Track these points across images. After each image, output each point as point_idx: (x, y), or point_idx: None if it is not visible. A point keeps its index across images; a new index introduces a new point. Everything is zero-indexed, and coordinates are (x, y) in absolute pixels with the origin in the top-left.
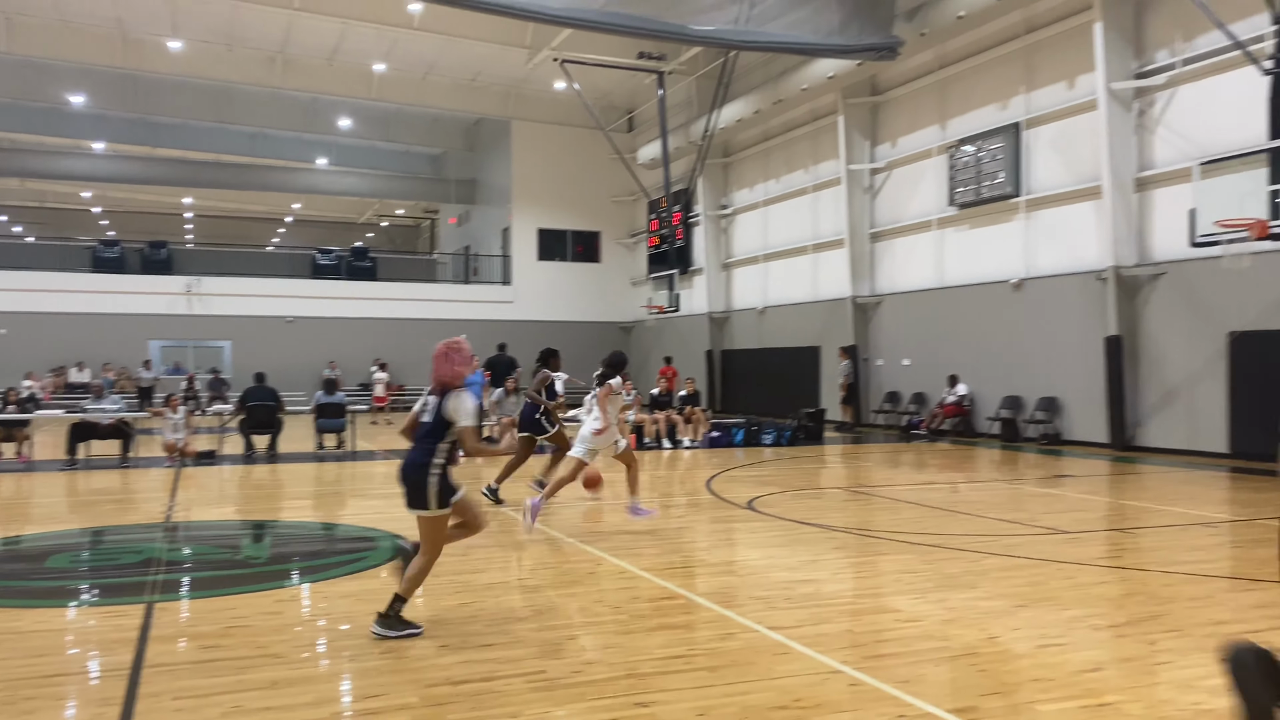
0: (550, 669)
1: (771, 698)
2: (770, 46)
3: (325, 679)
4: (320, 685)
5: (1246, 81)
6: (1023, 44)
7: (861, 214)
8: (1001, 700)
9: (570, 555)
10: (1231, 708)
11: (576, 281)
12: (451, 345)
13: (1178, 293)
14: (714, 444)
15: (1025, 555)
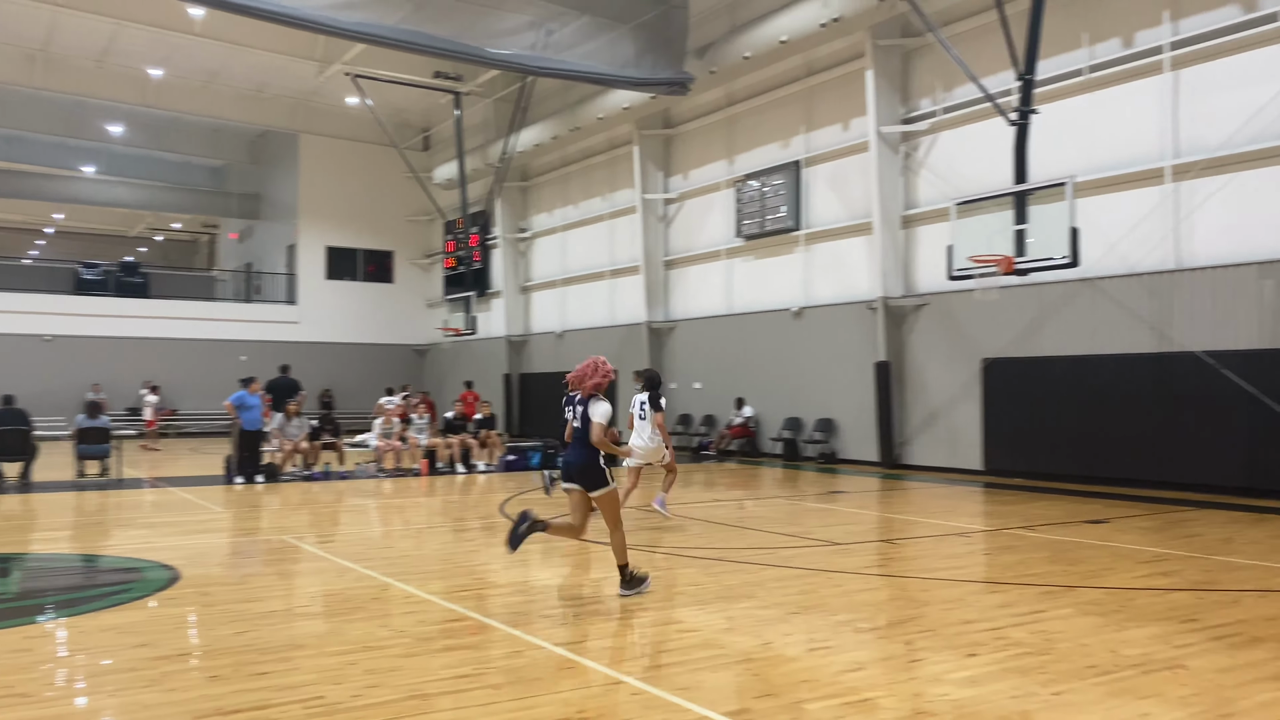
0: (330, 694)
1: (554, 711)
2: (566, 74)
3: (84, 716)
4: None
5: (997, 130)
6: (803, 86)
7: (656, 242)
8: (772, 701)
9: (354, 581)
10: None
11: (368, 302)
12: (598, 361)
13: (938, 322)
14: (510, 468)
15: (800, 566)
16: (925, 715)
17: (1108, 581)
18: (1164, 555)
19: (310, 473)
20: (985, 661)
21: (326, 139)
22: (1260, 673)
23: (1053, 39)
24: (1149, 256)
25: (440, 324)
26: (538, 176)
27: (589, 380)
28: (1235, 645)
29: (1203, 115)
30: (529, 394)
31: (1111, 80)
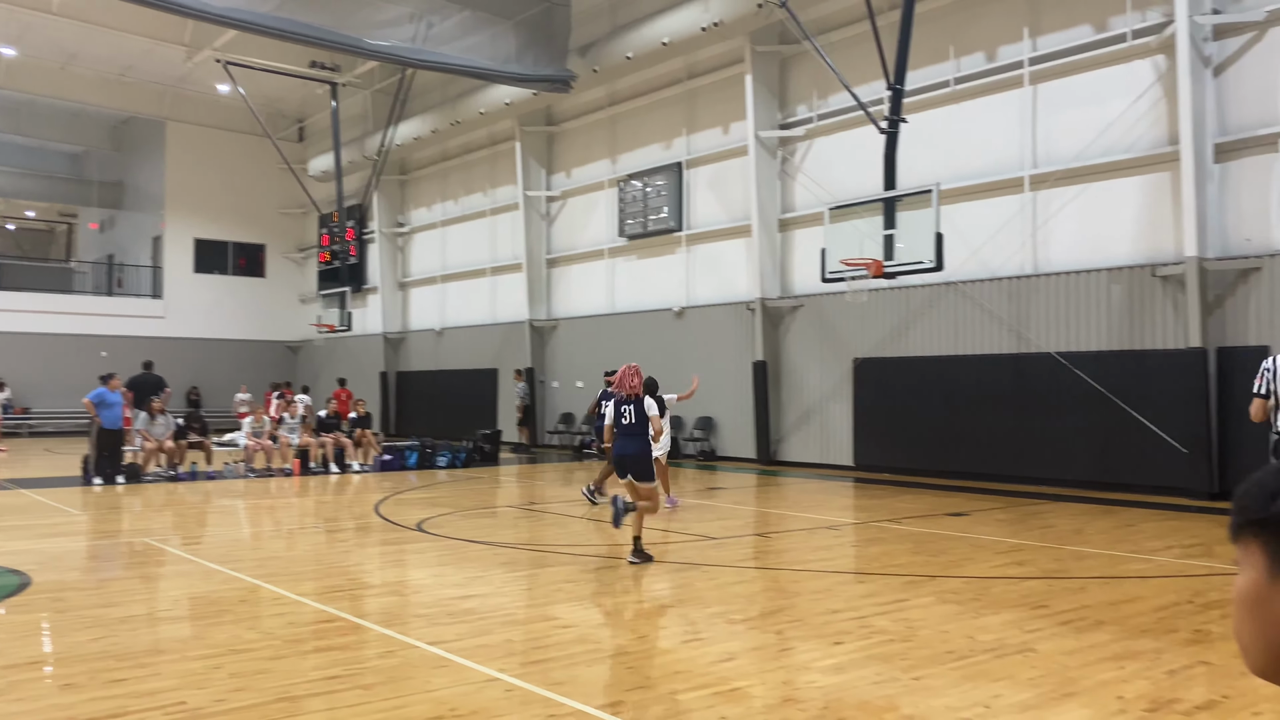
0: (192, 700)
1: (427, 709)
2: (446, 68)
3: None
4: None
5: (869, 138)
6: (685, 89)
7: (538, 240)
8: (645, 693)
9: (221, 584)
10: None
11: (239, 297)
12: (635, 368)
13: (813, 323)
14: (386, 467)
15: (677, 560)
16: (793, 703)
17: (967, 571)
18: (1019, 546)
19: (175, 473)
20: (850, 649)
21: (195, 127)
22: (1102, 654)
23: (922, 51)
24: (1009, 262)
25: (314, 320)
26: (417, 170)
27: (629, 382)
28: (1081, 629)
29: (1058, 128)
30: (406, 392)
31: (976, 92)
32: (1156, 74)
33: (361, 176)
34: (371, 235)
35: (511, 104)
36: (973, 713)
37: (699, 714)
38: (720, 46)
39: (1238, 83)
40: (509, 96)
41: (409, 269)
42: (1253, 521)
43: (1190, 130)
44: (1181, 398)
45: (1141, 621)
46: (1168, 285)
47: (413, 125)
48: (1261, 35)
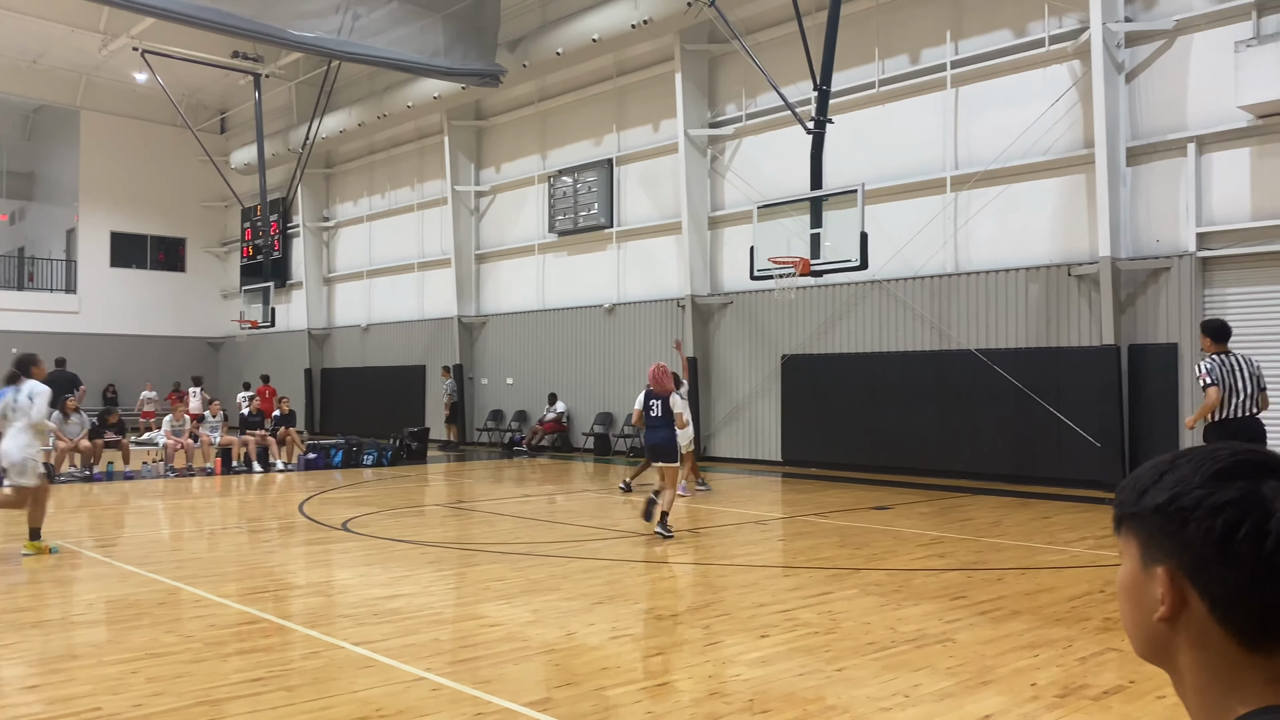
0: (108, 705)
1: (352, 710)
2: (373, 60)
3: None
4: None
5: (796, 137)
6: (615, 85)
7: (467, 235)
8: (573, 690)
9: (138, 586)
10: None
11: (158, 292)
12: (664, 368)
13: (742, 320)
14: (310, 466)
15: (607, 557)
16: (719, 696)
17: (889, 564)
18: (940, 538)
19: (91, 473)
20: (776, 642)
21: (112, 117)
22: (1018, 642)
23: (848, 53)
24: (931, 261)
25: (237, 316)
26: (343, 164)
27: (664, 381)
28: (997, 619)
29: (979, 131)
30: (332, 390)
31: (900, 94)
32: (1073, 79)
33: (286, 170)
34: (296, 230)
35: (440, 98)
36: (893, 702)
37: (626, 709)
38: (650, 44)
39: (1149, 89)
40: (437, 90)
41: (334, 264)
42: (1127, 515)
43: (1104, 134)
44: (1095, 393)
45: (1055, 611)
46: (1082, 284)
47: (338, 118)
48: (1171, 43)
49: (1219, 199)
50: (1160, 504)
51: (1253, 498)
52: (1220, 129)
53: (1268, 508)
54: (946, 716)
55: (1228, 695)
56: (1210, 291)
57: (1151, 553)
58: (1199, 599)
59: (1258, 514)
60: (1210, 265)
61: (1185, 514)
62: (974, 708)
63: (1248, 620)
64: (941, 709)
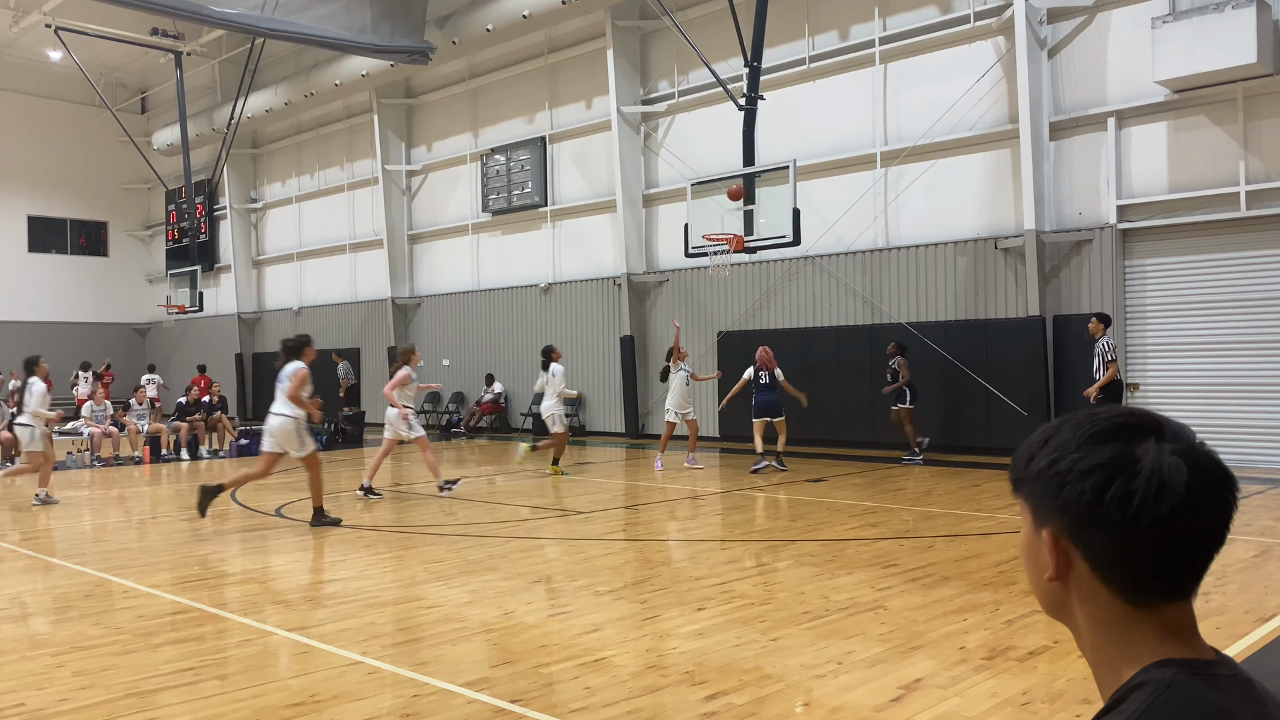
0: (32, 701)
1: (286, 697)
2: (297, 38)
3: None
4: None
5: (729, 114)
6: (547, 62)
7: (399, 215)
8: (510, 668)
9: (63, 579)
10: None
11: (79, 277)
12: (769, 350)
13: (678, 298)
14: (242, 452)
15: (545, 536)
16: (656, 669)
17: (823, 535)
18: (873, 508)
19: (11, 464)
20: (712, 614)
21: (24, 96)
22: (947, 607)
23: (778, 29)
24: (862, 236)
25: (163, 300)
26: (270, 144)
27: (768, 358)
28: (928, 585)
29: (907, 107)
30: (263, 374)
31: (830, 71)
32: (997, 55)
33: (211, 150)
34: (223, 211)
35: (368, 75)
36: (826, 669)
37: (564, 685)
38: (581, 20)
39: (1070, 64)
40: (365, 68)
41: (264, 246)
42: (1018, 480)
43: (1028, 109)
44: (1022, 363)
45: (983, 576)
46: (1009, 257)
47: (264, 97)
48: (1091, 19)
49: (1138, 172)
50: (1042, 469)
51: (1123, 459)
52: (1139, 104)
53: (1135, 468)
54: (878, 681)
55: (1118, 656)
56: (1130, 262)
57: (1039, 516)
58: (1081, 560)
59: (1125, 475)
60: (1130, 237)
61: (1062, 478)
62: (905, 671)
63: (1125, 579)
64: (874, 674)
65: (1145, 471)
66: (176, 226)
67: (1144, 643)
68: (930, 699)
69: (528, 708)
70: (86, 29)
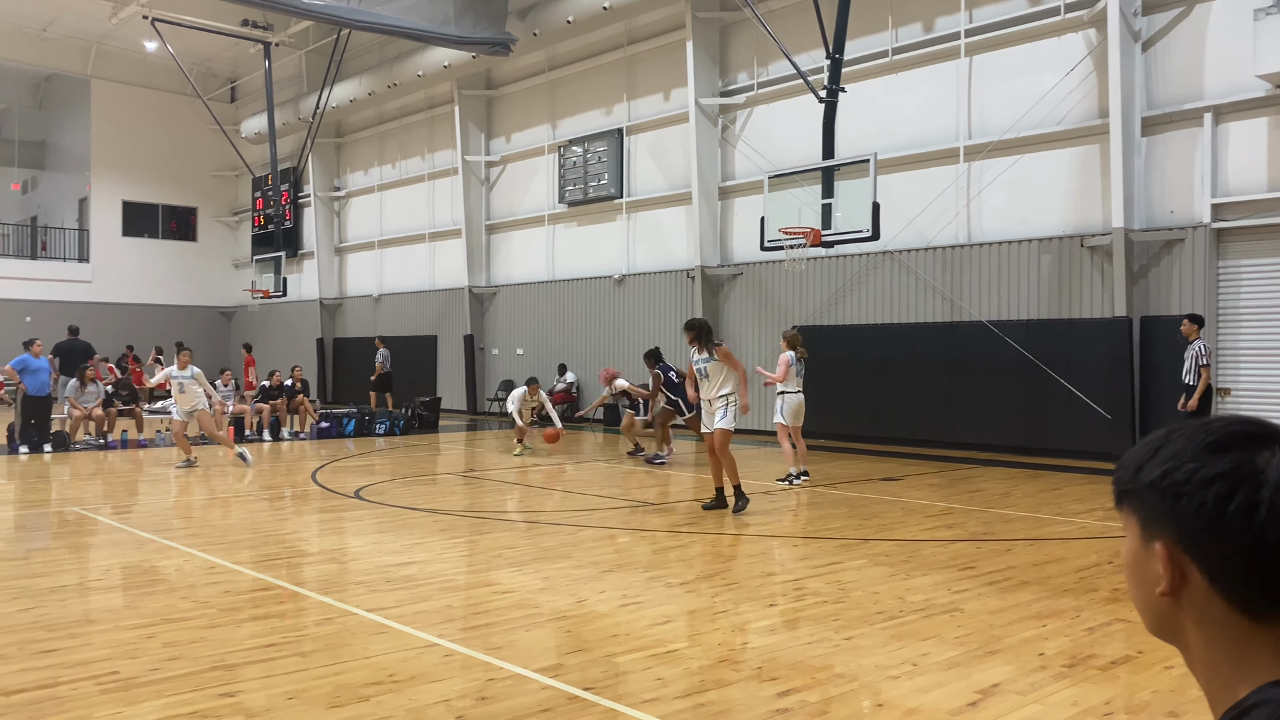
0: (125, 669)
1: (365, 675)
2: (382, 29)
3: None
4: None
5: (808, 106)
6: (625, 54)
7: (478, 205)
8: (583, 656)
9: (153, 553)
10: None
11: (170, 261)
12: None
13: (752, 291)
14: (323, 435)
15: (616, 526)
16: (728, 663)
17: (898, 534)
18: (949, 509)
19: (105, 441)
20: (784, 611)
21: (122, 86)
22: (1025, 612)
23: (861, 21)
24: (943, 231)
25: (248, 285)
26: (353, 133)
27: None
28: (1005, 589)
29: (993, 100)
30: (343, 359)
31: (913, 63)
32: (1088, 47)
33: (296, 139)
34: (307, 199)
35: (450, 67)
36: (901, 670)
37: (636, 676)
38: (661, 12)
39: (1165, 58)
40: (447, 59)
41: (345, 234)
42: (1125, 492)
43: (1119, 104)
44: (1106, 364)
45: (1063, 581)
46: (1095, 255)
47: (349, 87)
48: (1189, 11)
49: (1235, 169)
50: (1154, 479)
51: (1244, 468)
52: (1237, 98)
53: (1259, 478)
54: (954, 685)
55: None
56: (1224, 263)
57: (1150, 528)
58: (1198, 572)
59: (1249, 485)
60: (1225, 236)
61: (1178, 488)
62: (981, 676)
63: (1247, 591)
64: (949, 678)
65: (1273, 481)
66: (262, 213)
67: (1261, 659)
68: (1008, 704)
69: (600, 696)
70: (181, 20)
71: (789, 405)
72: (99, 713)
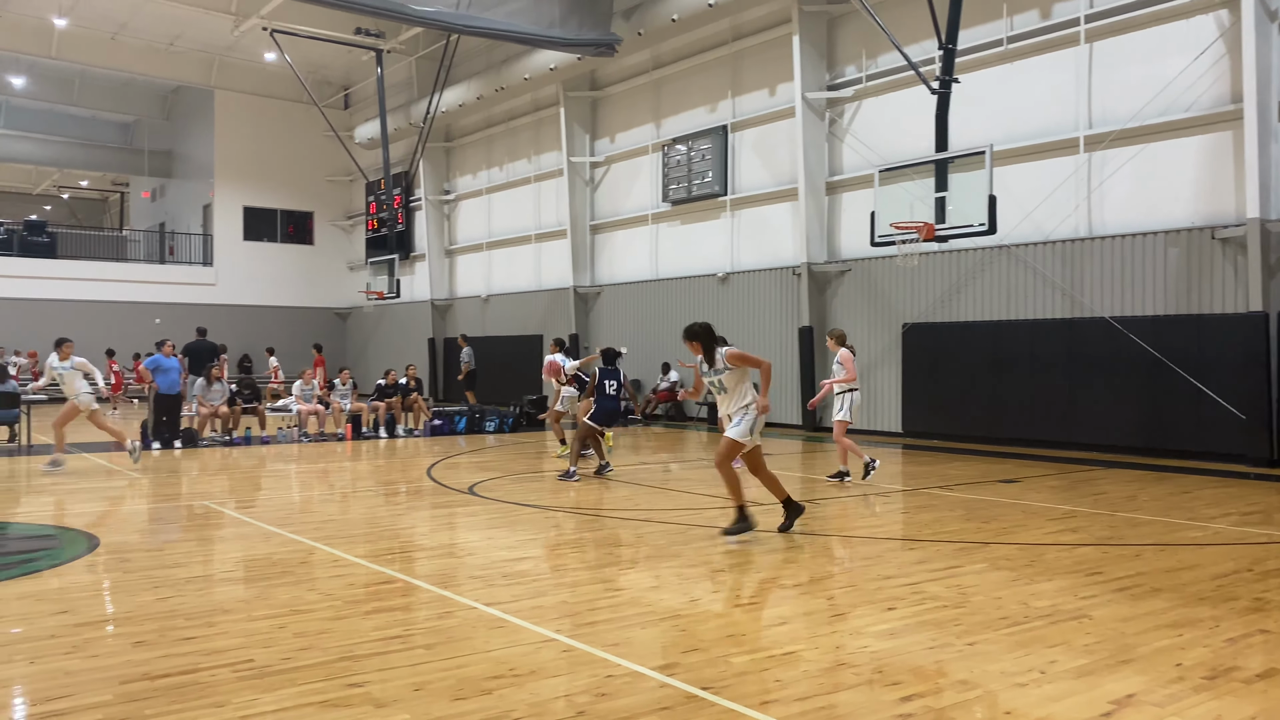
0: (259, 658)
1: (487, 669)
2: (490, 33)
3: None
4: None
5: (919, 98)
6: (730, 50)
7: (582, 206)
8: (699, 656)
9: (279, 546)
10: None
11: (287, 264)
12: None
13: (861, 288)
14: (435, 432)
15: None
16: (845, 666)
17: (1019, 538)
18: (1072, 513)
19: (230, 438)
20: (903, 615)
21: (243, 95)
22: (1158, 621)
23: (974, 9)
24: (1062, 224)
25: (362, 287)
26: (462, 137)
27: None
28: (1136, 596)
29: (1114, 87)
30: (454, 358)
31: (1029, 51)
32: (1219, 29)
33: (407, 144)
34: (418, 202)
35: (556, 69)
36: (1028, 678)
37: (753, 676)
38: (767, 7)
39: None
40: (553, 61)
41: (455, 236)
42: None
43: (1254, 87)
44: (1240, 363)
45: (1199, 589)
46: (1228, 248)
47: (457, 92)
48: None
49: None
50: None
51: None
52: None
53: None
54: (1086, 694)
55: None
56: None
57: None
58: None
59: None
60: None
61: None
62: (1114, 686)
63: None
64: (1080, 687)
65: None
66: (376, 217)
67: None
68: (1145, 716)
69: (719, 696)
70: (297, 30)
71: (855, 402)
72: (237, 699)
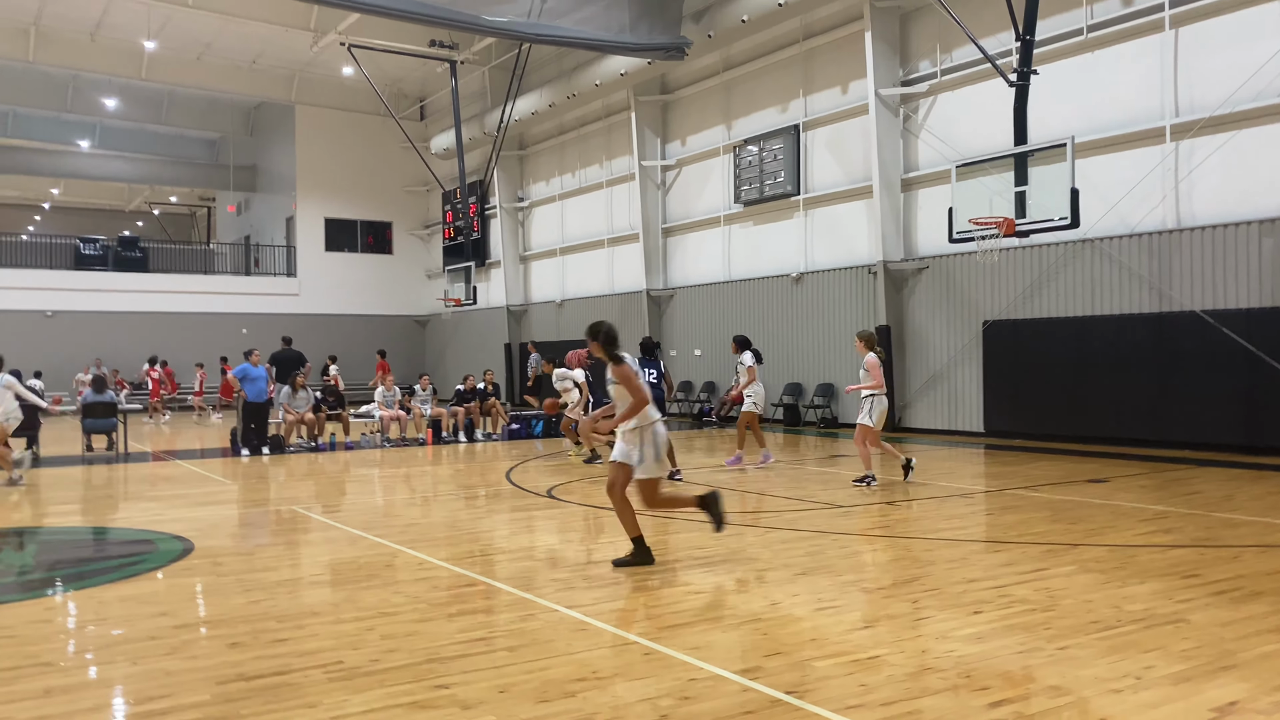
0: (348, 659)
1: (570, 671)
2: (561, 41)
3: (103, 684)
4: (98, 690)
5: (996, 91)
6: (801, 50)
7: (654, 209)
8: (782, 660)
9: (365, 549)
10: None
11: (367, 273)
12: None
13: (939, 285)
14: (513, 436)
15: (805, 529)
16: (931, 671)
17: (1109, 539)
18: (1164, 513)
19: (316, 444)
20: (990, 619)
21: (323, 110)
22: (1261, 625)
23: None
24: (1149, 216)
25: (440, 294)
26: (535, 145)
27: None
28: (1236, 600)
29: (1202, 74)
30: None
31: (1111, 40)
32: None
33: (482, 153)
34: (493, 210)
35: (626, 74)
36: (1123, 684)
37: (837, 681)
38: (838, 4)
39: None
40: (624, 67)
41: (529, 242)
42: None
43: None
44: None
45: None
46: None
47: (530, 100)
48: None
49: None
50: None
51: None
52: None
53: None
54: (1186, 701)
55: None
56: None
57: None
58: None
59: None
60: None
61: None
62: (1216, 693)
63: None
64: (1178, 693)
65: None
66: (452, 225)
67: None
68: None
69: (803, 700)
70: (374, 44)
71: (880, 408)
72: (328, 699)
